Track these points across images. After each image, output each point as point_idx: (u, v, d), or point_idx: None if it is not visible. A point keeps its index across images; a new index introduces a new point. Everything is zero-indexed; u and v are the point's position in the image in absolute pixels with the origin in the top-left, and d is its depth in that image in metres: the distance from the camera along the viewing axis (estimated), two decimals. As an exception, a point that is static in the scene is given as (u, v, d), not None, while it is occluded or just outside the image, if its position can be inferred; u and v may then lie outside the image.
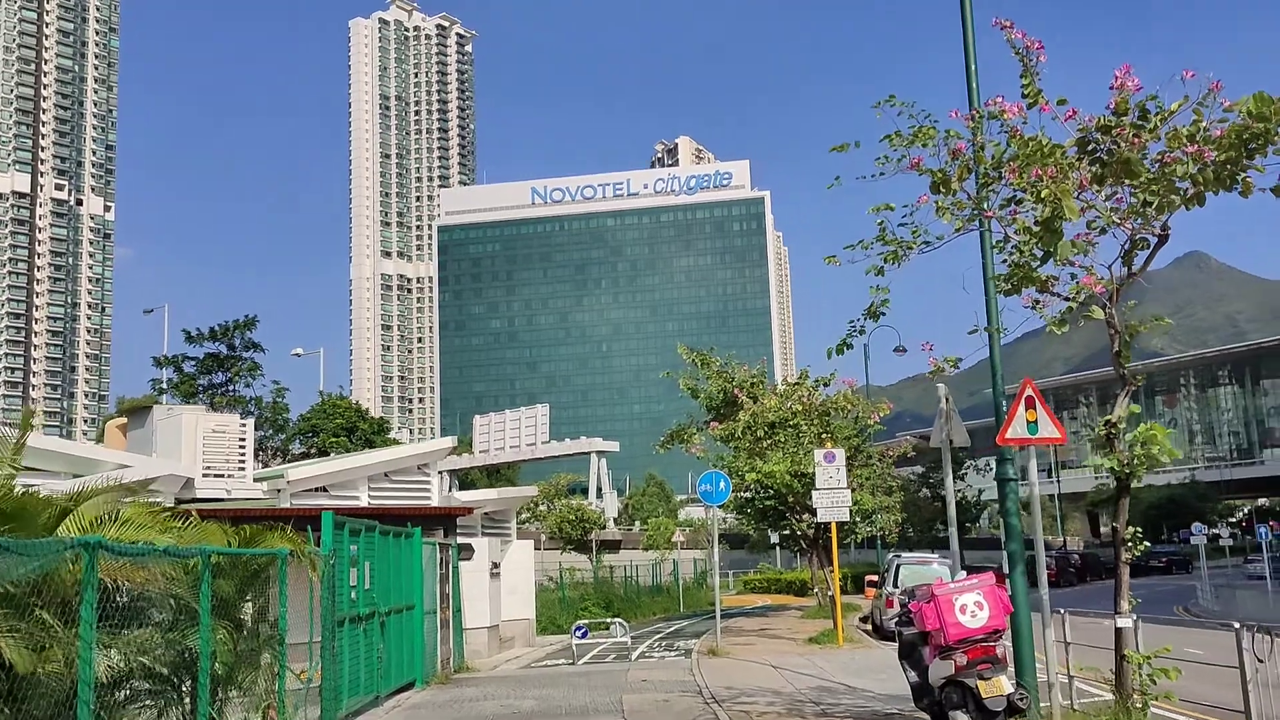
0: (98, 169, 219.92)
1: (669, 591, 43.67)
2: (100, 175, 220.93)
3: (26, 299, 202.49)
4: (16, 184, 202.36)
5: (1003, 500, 10.86)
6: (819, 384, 22.83)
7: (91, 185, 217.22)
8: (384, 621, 13.96)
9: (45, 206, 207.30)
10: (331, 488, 20.45)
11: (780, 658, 18.66)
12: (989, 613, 8.87)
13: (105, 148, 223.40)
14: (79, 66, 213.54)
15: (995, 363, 10.75)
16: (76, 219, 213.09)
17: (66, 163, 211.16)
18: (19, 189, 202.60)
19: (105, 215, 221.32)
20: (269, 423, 38.74)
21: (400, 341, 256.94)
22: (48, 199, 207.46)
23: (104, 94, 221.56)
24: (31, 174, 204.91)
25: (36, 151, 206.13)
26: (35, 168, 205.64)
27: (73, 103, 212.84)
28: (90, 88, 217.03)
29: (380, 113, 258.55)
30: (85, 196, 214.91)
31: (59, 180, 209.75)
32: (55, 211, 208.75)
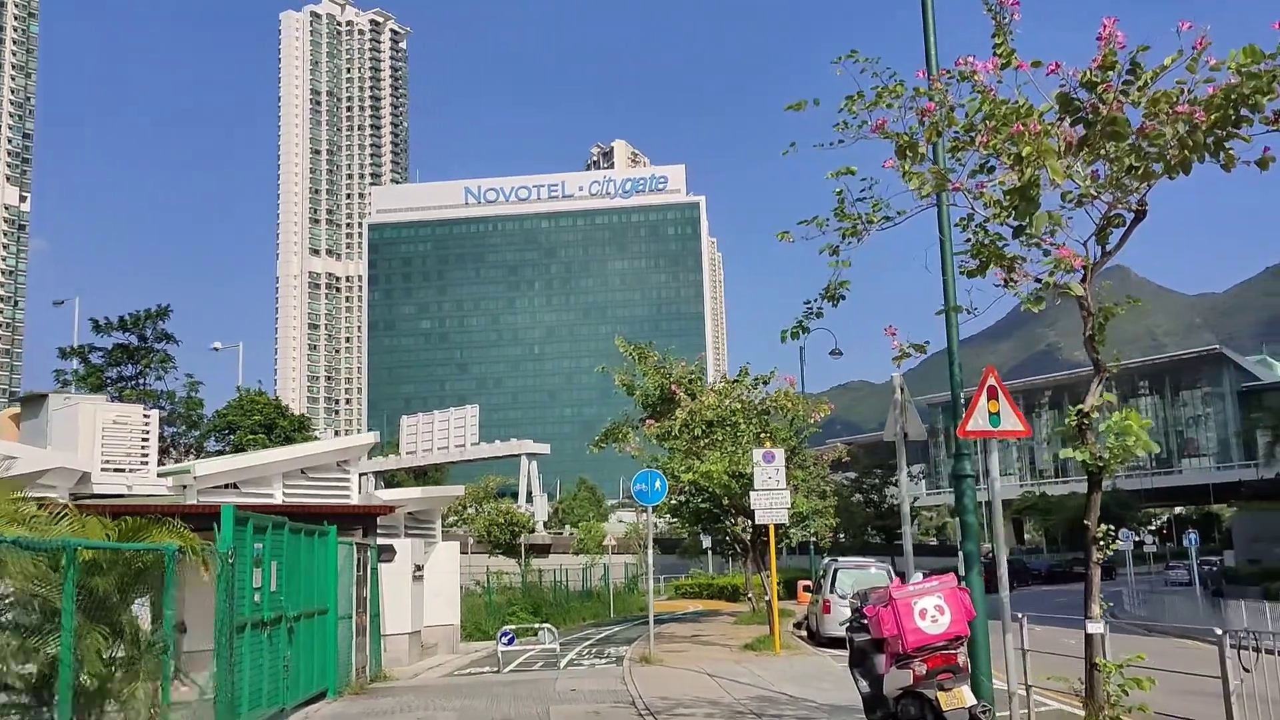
0: (13, 158, 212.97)
1: (599, 596, 42.76)
2: (16, 165, 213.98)
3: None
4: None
5: (959, 497, 10.21)
6: (758, 382, 22.14)
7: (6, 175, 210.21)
8: (292, 627, 12.88)
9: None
10: (243, 484, 19.22)
11: (716, 665, 17.90)
12: (950, 618, 8.17)
13: (22, 136, 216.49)
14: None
15: (953, 348, 10.09)
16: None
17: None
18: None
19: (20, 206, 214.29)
20: (182, 418, 36.94)
21: (328, 341, 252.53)
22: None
23: (22, 81, 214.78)
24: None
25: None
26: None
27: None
28: (7, 74, 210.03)
29: (311, 108, 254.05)
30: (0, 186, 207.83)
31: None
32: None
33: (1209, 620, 30.66)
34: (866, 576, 24.45)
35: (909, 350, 8.25)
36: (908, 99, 7.79)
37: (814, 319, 8.77)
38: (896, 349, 8.17)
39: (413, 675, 19.07)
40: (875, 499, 63.67)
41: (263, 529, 11.83)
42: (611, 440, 22.57)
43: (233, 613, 10.35)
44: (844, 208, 8.49)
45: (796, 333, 8.76)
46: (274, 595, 12.20)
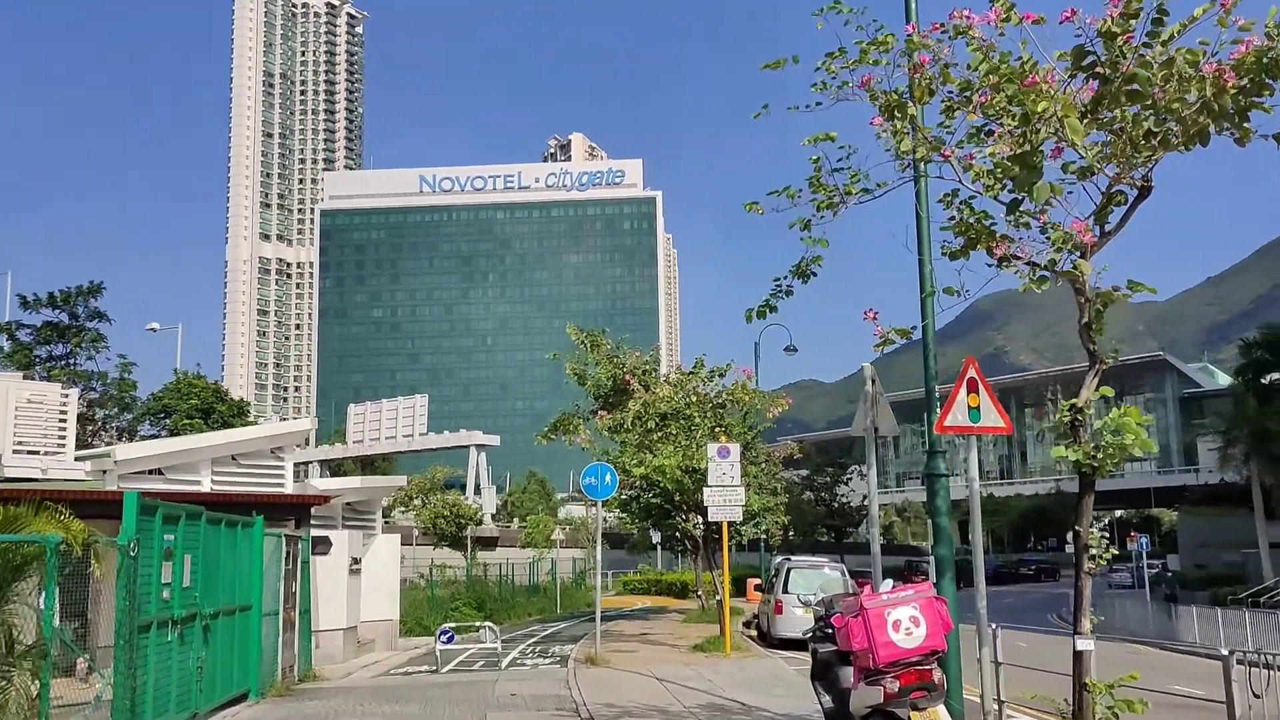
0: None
1: (546, 592, 41.85)
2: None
3: None
4: None
5: (932, 497, 9.50)
6: (714, 374, 21.37)
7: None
8: (209, 625, 11.88)
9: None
10: (169, 470, 18.09)
11: (665, 667, 17.13)
12: (926, 630, 7.44)
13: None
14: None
15: (928, 338, 9.36)
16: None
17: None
18: None
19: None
20: (114, 401, 35.37)
21: (277, 328, 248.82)
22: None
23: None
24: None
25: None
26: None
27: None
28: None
29: (264, 90, 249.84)
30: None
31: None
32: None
33: (1162, 626, 30.49)
34: (820, 576, 23.86)
35: (893, 336, 7.48)
36: (897, 53, 7.02)
37: (783, 297, 7.98)
38: (879, 335, 7.40)
39: (346, 674, 18.09)
40: (826, 498, 63.42)
41: (175, 519, 10.83)
42: (561, 431, 21.68)
43: (135, 610, 9.36)
44: (820, 177, 7.71)
45: (764, 311, 7.97)
46: (187, 591, 11.21)
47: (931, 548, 9.44)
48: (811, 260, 7.94)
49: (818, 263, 7.97)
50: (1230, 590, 34.42)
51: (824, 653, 8.62)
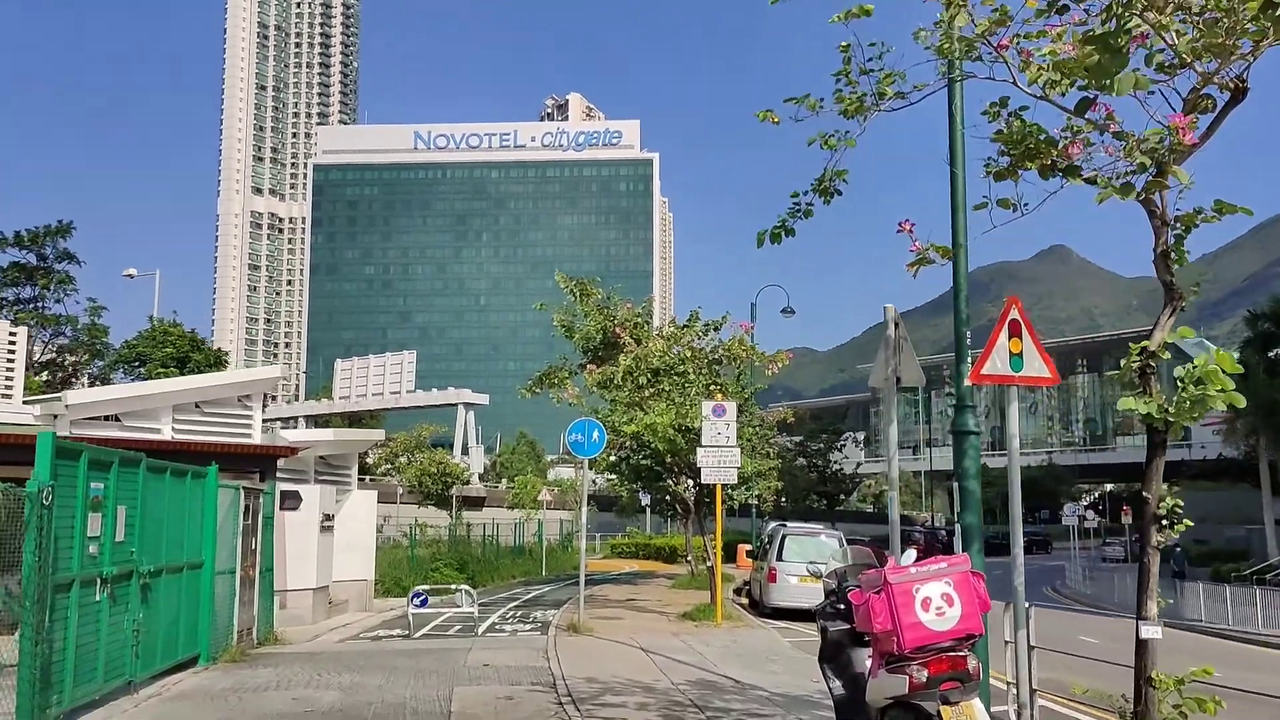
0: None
1: (532, 553, 40.92)
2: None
3: None
4: None
5: (959, 457, 8.35)
6: (709, 328, 20.15)
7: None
8: (148, 584, 10.74)
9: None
10: (126, 417, 16.89)
11: (652, 637, 16.07)
12: (961, 610, 6.30)
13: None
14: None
15: (960, 276, 8.16)
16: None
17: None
18: None
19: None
20: (85, 348, 33.93)
21: (268, 283, 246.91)
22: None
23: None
24: None
25: None
26: None
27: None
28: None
29: (258, 41, 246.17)
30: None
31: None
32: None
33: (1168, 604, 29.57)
34: (816, 544, 22.83)
35: (931, 254, 6.27)
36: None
37: (800, 219, 6.77)
38: (915, 250, 6.19)
39: (312, 638, 17.00)
40: (819, 464, 62.51)
41: (105, 465, 9.64)
42: (547, 385, 20.44)
43: (47, 567, 8.19)
44: (849, 71, 6.47)
45: (778, 235, 6.76)
46: (121, 546, 10.04)
47: (957, 515, 8.29)
48: (835, 174, 6.72)
49: (842, 177, 6.76)
50: (1233, 566, 33.55)
51: (835, 632, 7.51)
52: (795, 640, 17.29)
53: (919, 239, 6.23)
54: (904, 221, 6.30)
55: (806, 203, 6.76)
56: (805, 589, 21.71)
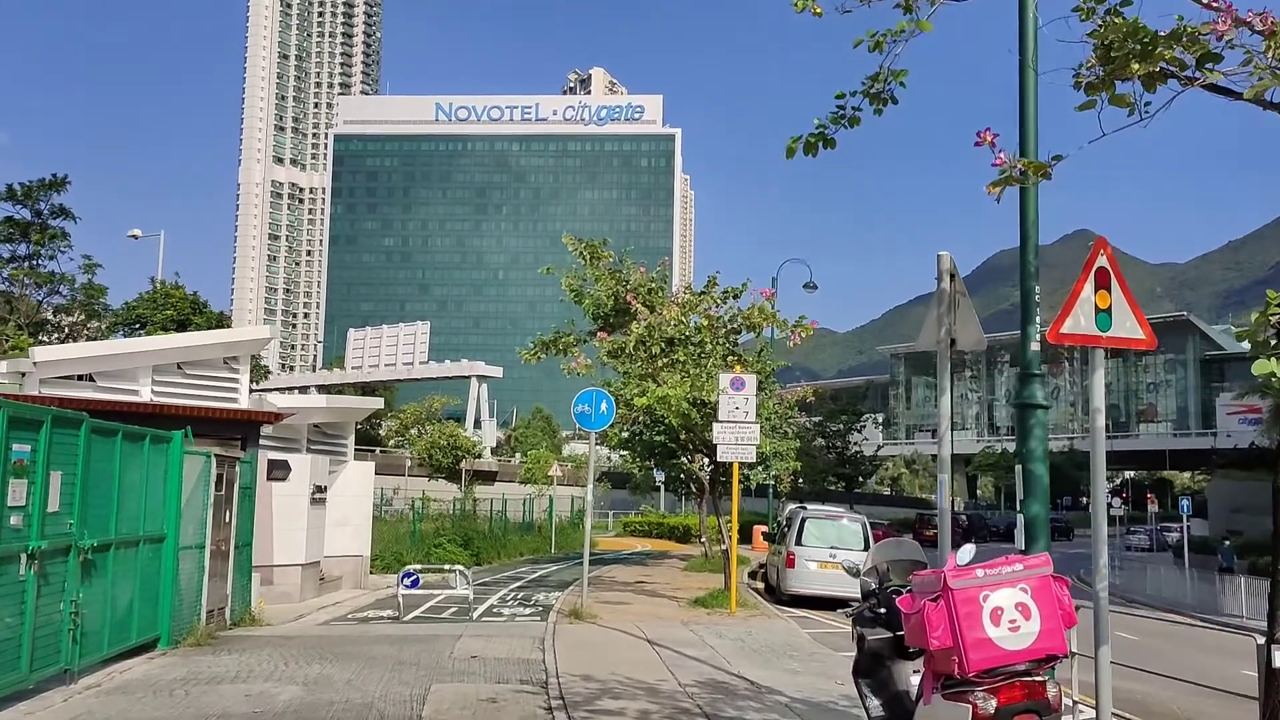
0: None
1: (541, 530, 39.80)
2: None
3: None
4: None
5: (1024, 435, 7.00)
6: (728, 295, 18.77)
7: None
8: (89, 559, 9.53)
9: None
10: (101, 377, 15.69)
11: (660, 627, 14.83)
12: (1040, 624, 5.00)
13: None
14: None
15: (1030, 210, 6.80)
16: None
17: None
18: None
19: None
20: (81, 307, 32.81)
21: (288, 253, 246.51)
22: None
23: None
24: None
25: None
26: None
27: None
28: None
29: (281, 10, 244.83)
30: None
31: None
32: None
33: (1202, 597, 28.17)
34: (837, 528, 21.56)
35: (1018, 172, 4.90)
36: None
37: (844, 127, 5.41)
38: (999, 165, 4.83)
39: (296, 617, 15.87)
40: (838, 445, 61.10)
41: (33, 424, 8.41)
42: (552, 351, 19.09)
43: (-56, 542, 6.97)
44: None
45: (813, 145, 5.42)
46: (55, 517, 8.82)
47: (1020, 504, 6.96)
48: (892, 74, 5.36)
49: (900, 79, 5.40)
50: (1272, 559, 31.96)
51: (875, 641, 6.21)
52: (815, 632, 16.04)
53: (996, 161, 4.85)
54: (984, 131, 4.94)
55: (853, 107, 5.40)
56: (825, 575, 20.46)
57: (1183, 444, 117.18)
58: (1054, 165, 4.73)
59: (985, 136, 4.89)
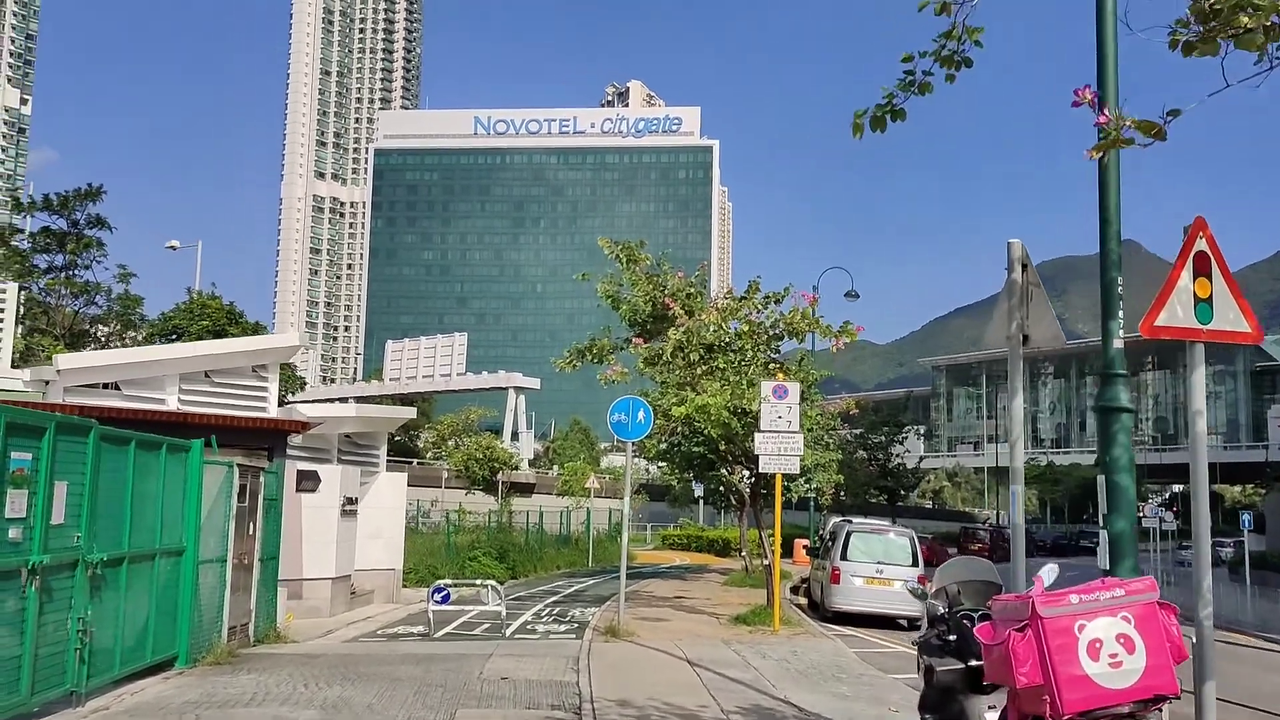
0: (16, 59, 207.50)
1: (578, 543, 39.17)
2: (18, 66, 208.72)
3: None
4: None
5: (1106, 442, 6.27)
6: (769, 300, 18.07)
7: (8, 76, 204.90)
8: (99, 575, 9.05)
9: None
10: (127, 385, 15.33)
11: (700, 646, 14.15)
12: (1145, 659, 4.31)
13: (25, 37, 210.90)
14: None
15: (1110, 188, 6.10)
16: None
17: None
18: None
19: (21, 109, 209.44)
20: (117, 318, 32.72)
21: (329, 267, 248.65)
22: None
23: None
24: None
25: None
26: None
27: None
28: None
29: (323, 27, 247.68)
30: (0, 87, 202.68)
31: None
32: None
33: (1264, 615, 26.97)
34: (884, 542, 20.76)
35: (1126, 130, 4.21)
36: None
37: (914, 94, 4.77)
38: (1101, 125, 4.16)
39: (324, 633, 15.36)
40: (880, 458, 59.98)
41: (35, 431, 7.93)
42: (587, 359, 18.46)
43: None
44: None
45: (881, 119, 4.78)
46: (60, 530, 8.35)
47: (1103, 519, 6.24)
48: (967, 31, 4.71)
49: (975, 37, 4.74)
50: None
51: (945, 674, 5.52)
52: (863, 651, 15.28)
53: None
54: (1082, 89, 4.28)
55: (924, 71, 4.75)
56: (871, 591, 19.70)
57: (1233, 457, 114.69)
58: (1169, 122, 4.04)
59: (1084, 94, 4.23)
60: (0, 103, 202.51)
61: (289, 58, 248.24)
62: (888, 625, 19.81)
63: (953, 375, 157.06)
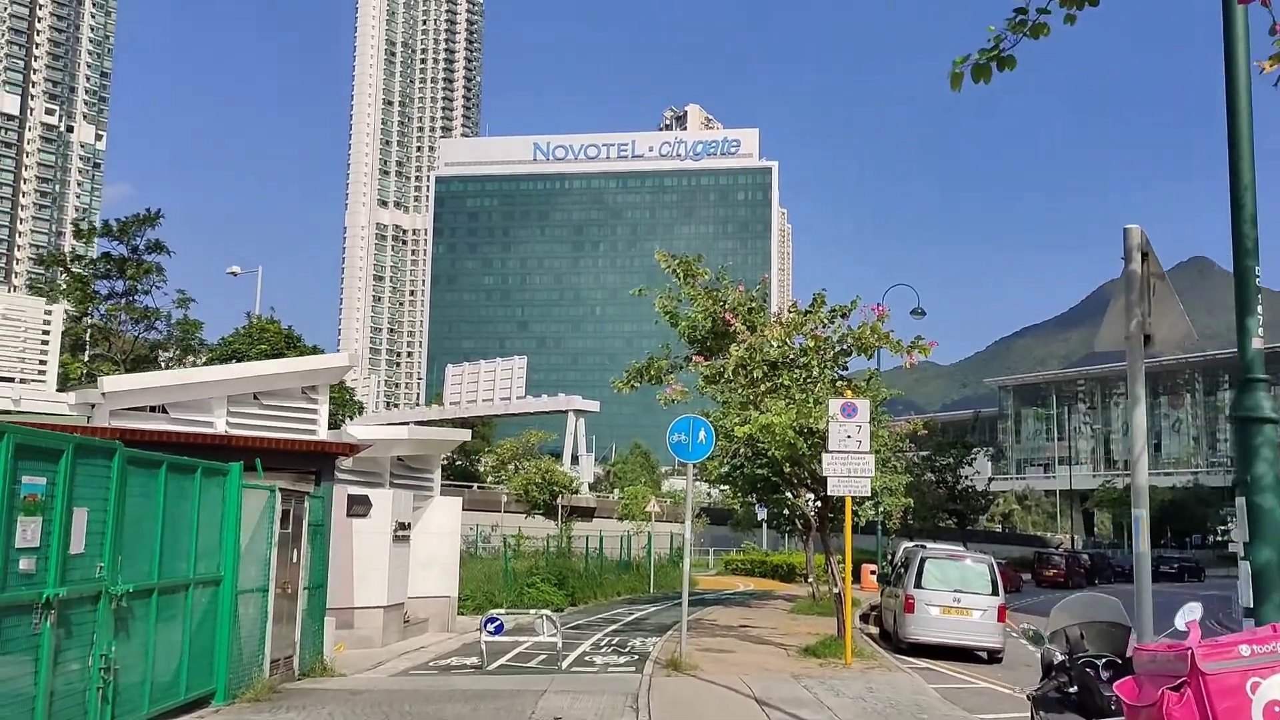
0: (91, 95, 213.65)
1: (639, 569, 38.34)
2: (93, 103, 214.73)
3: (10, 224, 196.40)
4: (6, 105, 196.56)
5: (1247, 457, 5.38)
6: (835, 314, 17.16)
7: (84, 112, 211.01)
8: (125, 608, 8.48)
9: (34, 131, 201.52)
10: (174, 408, 14.90)
11: (768, 680, 13.26)
12: (1342, 729, 3.43)
13: (100, 74, 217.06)
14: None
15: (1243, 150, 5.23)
16: (66, 146, 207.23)
17: (59, 87, 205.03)
18: (8, 111, 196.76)
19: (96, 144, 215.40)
20: (178, 343, 32.84)
21: (392, 294, 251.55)
22: (37, 123, 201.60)
23: (101, 19, 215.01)
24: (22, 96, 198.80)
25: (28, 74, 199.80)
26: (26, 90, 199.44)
27: (68, 25, 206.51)
28: (88, 11, 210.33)
29: (386, 59, 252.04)
30: (77, 123, 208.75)
31: (50, 105, 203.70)
32: (44, 136, 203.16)
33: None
34: (961, 569, 19.65)
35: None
36: None
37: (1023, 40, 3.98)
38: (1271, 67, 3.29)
39: (374, 665, 14.74)
40: (949, 480, 58.34)
41: (51, 454, 7.39)
42: (645, 379, 17.67)
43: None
44: None
45: (985, 69, 4.00)
46: (80, 560, 7.80)
47: (1244, 547, 5.35)
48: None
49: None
50: None
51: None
52: (944, 688, 14.26)
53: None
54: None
55: (1039, 10, 3.95)
56: (948, 622, 18.61)
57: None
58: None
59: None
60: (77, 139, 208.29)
61: (353, 90, 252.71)
62: (966, 657, 18.71)
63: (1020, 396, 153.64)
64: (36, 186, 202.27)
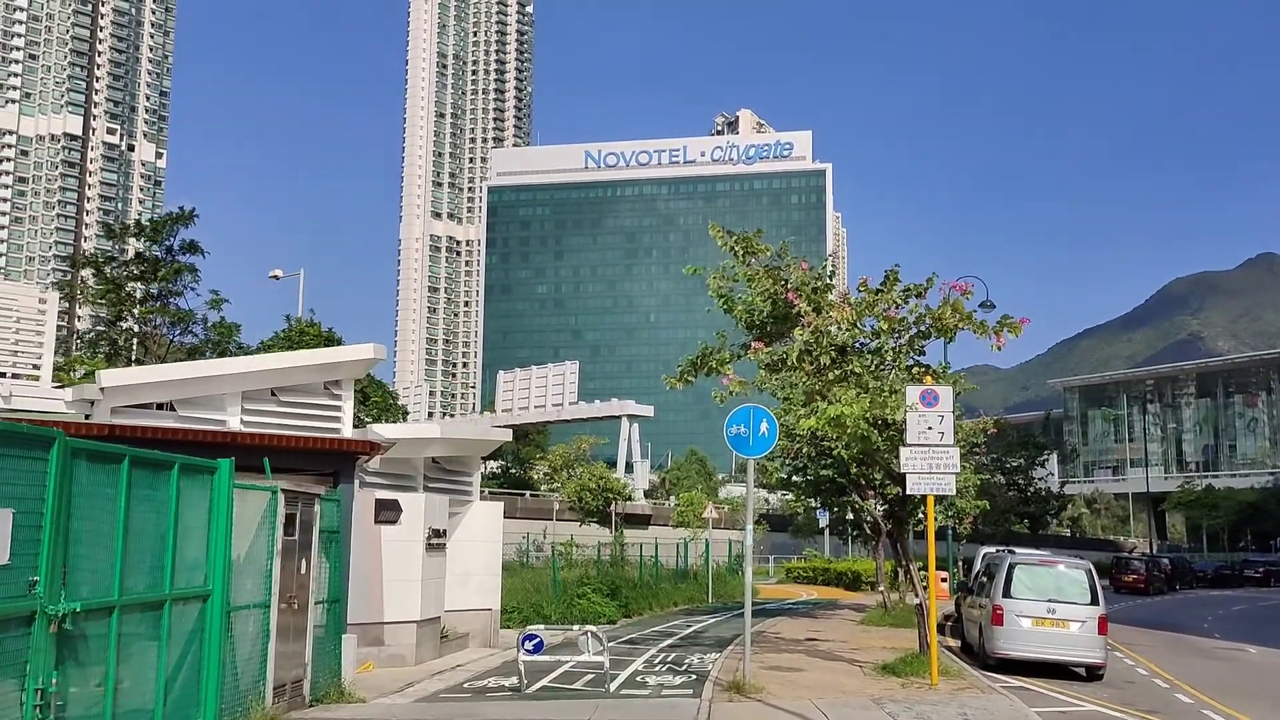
0: (151, 114, 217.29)
1: (697, 577, 36.63)
2: (153, 121, 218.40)
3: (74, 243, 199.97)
4: (68, 126, 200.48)
5: None
6: (910, 293, 15.26)
7: (144, 131, 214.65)
8: (68, 630, 7.01)
9: (96, 150, 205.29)
10: (182, 404, 13.55)
11: (845, 707, 11.54)
12: None
13: (160, 94, 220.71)
14: (136, 9, 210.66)
15: None
16: (128, 164, 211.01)
17: (120, 107, 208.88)
18: (70, 131, 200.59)
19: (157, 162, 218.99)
20: (214, 346, 31.85)
21: (446, 304, 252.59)
22: (99, 142, 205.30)
23: (160, 39, 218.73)
24: (84, 116, 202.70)
25: (90, 94, 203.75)
26: (88, 110, 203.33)
27: (128, 46, 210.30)
28: (147, 32, 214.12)
29: (437, 71, 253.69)
30: (137, 142, 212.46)
31: (111, 124, 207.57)
32: (106, 155, 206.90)
33: None
34: (1055, 576, 17.66)
35: None
36: None
37: None
38: None
39: (402, 687, 13.24)
40: (1020, 482, 55.91)
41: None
42: (700, 371, 15.88)
43: None
44: None
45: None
46: (4, 571, 6.33)
47: None
48: None
49: None
50: None
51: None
52: (1048, 711, 12.43)
53: None
54: None
55: None
56: (1041, 634, 16.66)
57: None
58: None
59: None
60: (138, 157, 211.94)
61: (405, 103, 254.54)
62: (1061, 674, 16.77)
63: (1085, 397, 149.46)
64: (99, 204, 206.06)
